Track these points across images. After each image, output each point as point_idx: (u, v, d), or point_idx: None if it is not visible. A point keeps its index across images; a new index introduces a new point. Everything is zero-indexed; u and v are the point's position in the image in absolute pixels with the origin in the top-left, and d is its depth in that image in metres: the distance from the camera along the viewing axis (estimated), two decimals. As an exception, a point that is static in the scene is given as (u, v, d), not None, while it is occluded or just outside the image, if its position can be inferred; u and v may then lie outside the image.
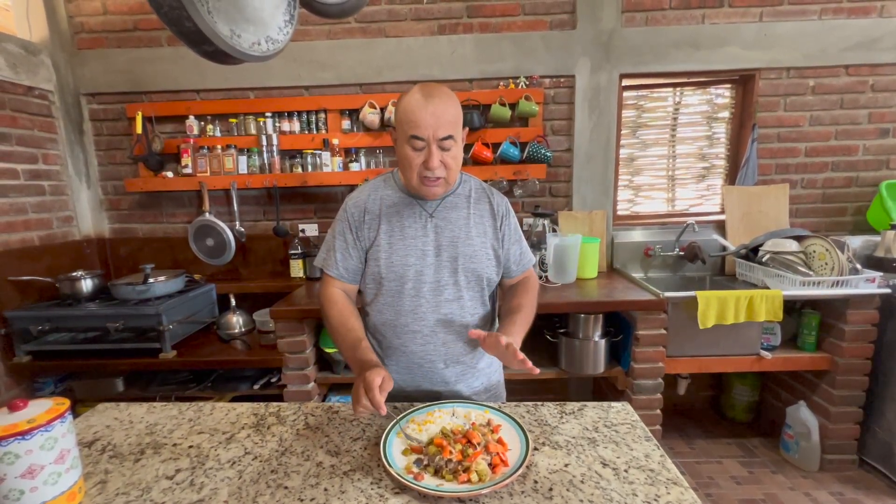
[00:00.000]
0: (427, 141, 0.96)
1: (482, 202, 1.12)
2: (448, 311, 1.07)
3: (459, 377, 1.11)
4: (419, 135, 0.96)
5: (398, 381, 1.12)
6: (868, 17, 2.24)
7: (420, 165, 0.99)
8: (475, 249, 1.07)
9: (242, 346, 2.07)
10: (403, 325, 1.08)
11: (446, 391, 1.11)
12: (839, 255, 1.94)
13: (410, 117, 0.96)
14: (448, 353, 1.09)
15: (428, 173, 0.99)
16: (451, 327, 1.08)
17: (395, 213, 1.08)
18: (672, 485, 0.74)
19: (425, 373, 1.10)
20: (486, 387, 1.17)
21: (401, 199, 1.09)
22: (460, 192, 1.12)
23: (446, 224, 1.08)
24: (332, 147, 2.29)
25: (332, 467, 0.82)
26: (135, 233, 2.50)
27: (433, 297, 1.06)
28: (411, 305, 1.06)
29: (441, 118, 0.96)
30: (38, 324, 1.91)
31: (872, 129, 2.34)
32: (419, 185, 1.02)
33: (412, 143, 0.98)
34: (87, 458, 0.88)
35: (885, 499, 1.87)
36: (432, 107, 0.95)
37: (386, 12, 2.29)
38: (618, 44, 2.26)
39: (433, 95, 0.97)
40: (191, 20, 0.77)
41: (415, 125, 0.96)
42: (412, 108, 0.96)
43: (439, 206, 1.09)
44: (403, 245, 1.06)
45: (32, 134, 2.15)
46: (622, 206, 2.55)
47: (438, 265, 1.06)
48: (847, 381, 1.97)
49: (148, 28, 2.32)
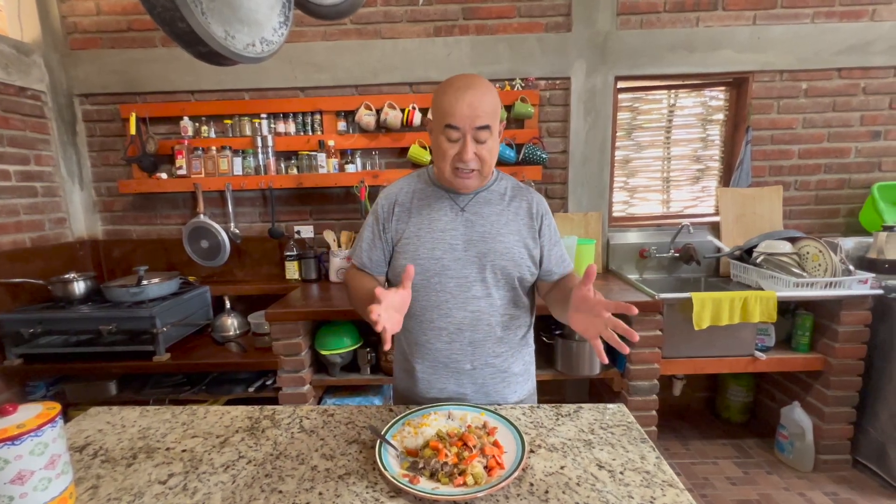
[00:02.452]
0: (462, 131, 0.95)
1: (519, 200, 1.08)
2: (475, 308, 1.03)
3: (489, 381, 1.08)
4: (454, 124, 0.94)
5: (426, 386, 1.08)
6: (860, 20, 2.26)
7: (454, 157, 0.97)
8: (507, 247, 1.03)
9: (237, 348, 2.06)
10: (429, 320, 1.05)
11: (477, 400, 1.07)
12: (832, 256, 1.96)
13: (447, 108, 0.95)
14: (475, 354, 1.05)
15: (461, 165, 0.97)
16: (479, 326, 1.04)
17: (425, 205, 1.06)
18: (668, 487, 0.74)
19: (451, 373, 1.07)
20: (520, 399, 1.14)
21: (433, 192, 1.07)
22: (495, 188, 1.09)
23: (477, 219, 1.05)
24: (327, 148, 2.28)
25: (327, 471, 0.81)
26: (128, 234, 2.49)
27: (459, 292, 1.03)
28: (436, 300, 1.03)
29: (477, 108, 0.94)
30: (29, 326, 1.89)
31: (864, 131, 2.37)
32: (452, 177, 1.00)
33: (447, 133, 0.96)
34: (79, 462, 0.87)
35: (878, 499, 1.88)
36: (469, 97, 0.93)
37: (382, 14, 2.29)
38: (613, 46, 2.27)
39: (471, 86, 0.95)
40: (184, 21, 0.76)
41: (450, 115, 0.94)
42: (449, 97, 0.95)
43: (472, 201, 1.06)
44: (431, 238, 1.03)
45: (24, 135, 2.13)
46: (618, 207, 2.56)
47: (466, 260, 1.03)
48: (840, 381, 1.98)
49: (142, 28, 2.31)
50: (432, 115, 1.01)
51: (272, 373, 1.98)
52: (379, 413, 1.02)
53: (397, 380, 1.18)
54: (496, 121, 0.98)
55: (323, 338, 1.92)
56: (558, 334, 1.98)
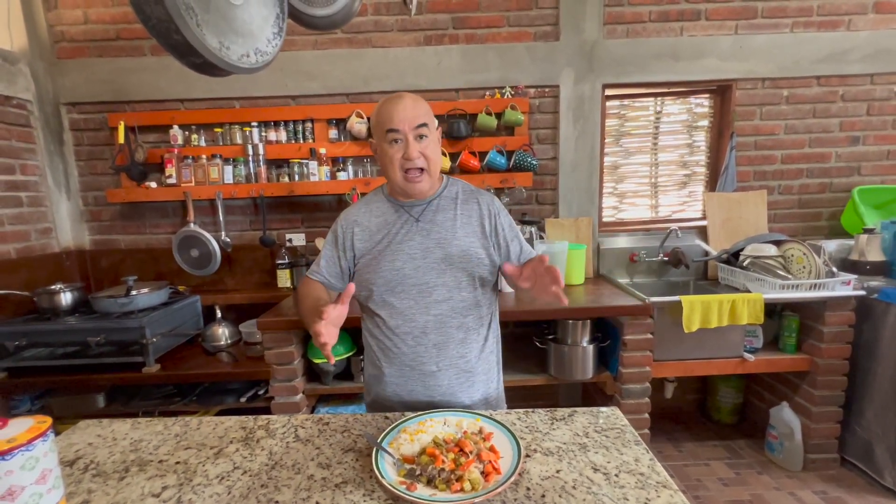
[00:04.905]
0: (403, 132, 1.02)
1: (470, 203, 1.14)
2: (438, 311, 1.08)
3: (454, 383, 1.11)
4: (395, 127, 1.02)
5: (394, 389, 1.12)
6: (837, 30, 2.34)
7: (400, 159, 1.04)
8: (463, 249, 1.09)
9: (228, 358, 2.04)
10: (395, 326, 1.09)
11: (443, 401, 1.10)
12: (816, 258, 2.01)
13: (385, 116, 1.04)
14: (440, 356, 1.09)
15: (409, 164, 1.03)
16: (443, 329, 1.09)
17: (382, 221, 1.12)
18: (662, 488, 0.76)
19: (418, 376, 1.10)
20: (485, 397, 1.16)
21: (388, 207, 1.14)
22: (446, 194, 1.14)
23: (432, 227, 1.10)
24: (319, 156, 2.29)
25: (323, 480, 0.81)
26: (116, 244, 2.45)
27: (422, 297, 1.08)
28: (401, 307, 1.08)
29: (412, 110, 1.03)
30: (14, 339, 1.85)
31: (844, 136, 2.44)
32: (403, 182, 1.06)
33: (389, 137, 1.03)
34: (69, 477, 0.85)
35: (866, 496, 1.91)
36: (404, 102, 1.04)
37: (372, 23, 2.31)
38: (600, 55, 2.31)
39: (404, 96, 1.05)
40: (179, 33, 0.77)
41: (389, 120, 1.03)
42: (385, 108, 1.04)
43: (426, 210, 1.12)
44: (391, 251, 1.08)
45: (10, 144, 2.10)
46: (607, 212, 2.60)
47: (426, 267, 1.08)
48: (827, 381, 2.02)
49: (130, 37, 2.30)
50: (374, 133, 1.09)
51: (264, 382, 1.97)
52: (374, 420, 1.01)
53: (367, 386, 1.21)
54: (432, 122, 1.08)
55: (315, 346, 1.91)
56: (551, 339, 1.99)
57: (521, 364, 2.09)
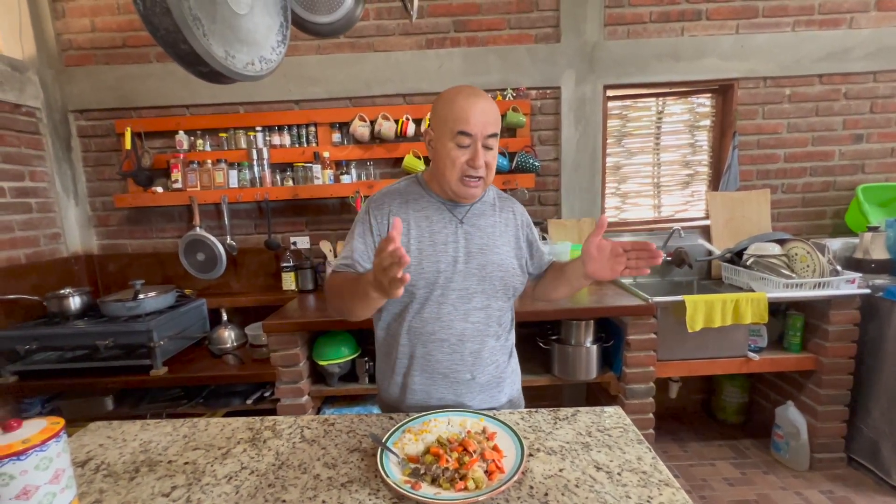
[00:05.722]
0: (475, 138, 0.96)
1: (506, 211, 1.12)
2: (476, 319, 1.05)
3: (486, 389, 1.08)
4: (468, 131, 0.95)
5: (422, 396, 1.07)
6: (838, 28, 2.34)
7: (464, 164, 0.97)
8: (502, 258, 1.06)
9: (234, 360, 2.06)
10: (430, 333, 1.04)
11: (472, 407, 1.06)
12: (820, 257, 2.00)
13: (458, 114, 0.95)
14: (476, 364, 1.05)
15: (472, 172, 0.97)
16: (479, 337, 1.05)
17: (423, 217, 1.05)
18: (664, 486, 0.76)
19: (450, 384, 1.06)
20: (510, 399, 1.15)
21: (429, 202, 1.07)
22: (486, 199, 1.11)
23: (476, 230, 1.06)
24: (322, 160, 2.31)
25: (329, 479, 0.82)
26: (124, 249, 2.48)
27: (461, 304, 1.03)
28: (438, 313, 1.03)
29: (489, 115, 0.96)
30: (24, 343, 1.88)
31: (847, 135, 2.43)
32: (459, 186, 0.99)
33: (458, 139, 0.96)
34: (81, 477, 0.87)
35: (873, 495, 1.90)
36: (482, 104, 0.96)
37: (374, 27, 2.33)
38: (601, 56, 2.32)
39: (479, 95, 0.97)
40: (186, 43, 0.79)
41: (464, 121, 0.94)
42: (460, 104, 0.96)
43: (469, 213, 1.07)
44: (434, 251, 1.02)
45: (19, 151, 2.13)
46: (610, 213, 2.60)
47: (467, 272, 1.03)
48: (832, 380, 2.02)
49: (136, 45, 2.33)
50: (436, 123, 1.00)
51: (270, 384, 1.98)
52: (379, 421, 1.03)
53: (384, 392, 1.15)
54: (499, 130, 1.01)
55: (321, 348, 1.93)
56: (555, 339, 1.99)
57: (525, 365, 2.03)
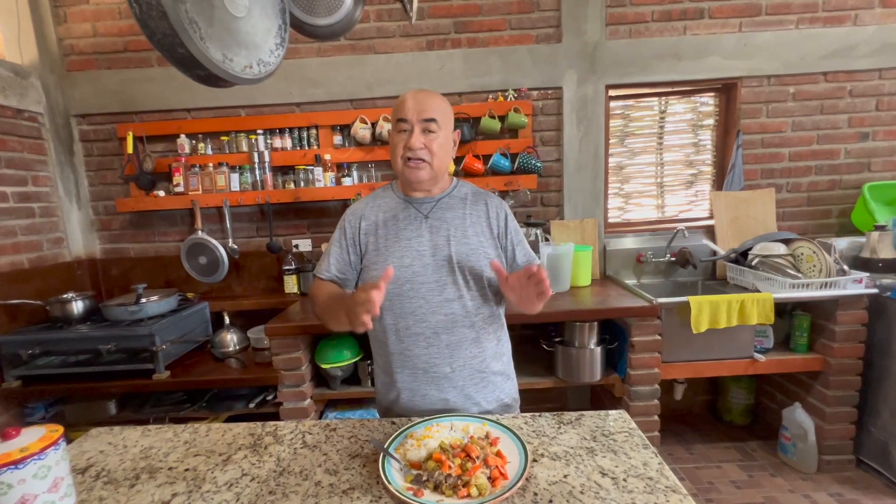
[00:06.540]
0: (410, 122, 1.04)
1: (479, 204, 1.14)
2: (450, 311, 1.07)
3: (469, 384, 1.09)
4: (403, 116, 1.04)
5: (408, 395, 1.10)
6: (843, 25, 2.31)
7: (403, 147, 1.05)
8: (472, 248, 1.08)
9: (237, 364, 2.05)
10: (405, 327, 1.08)
11: (458, 403, 1.08)
12: (826, 257, 1.98)
13: (399, 106, 1.06)
14: (453, 357, 1.08)
15: (410, 153, 1.04)
16: (454, 329, 1.07)
17: (391, 216, 1.12)
18: (671, 492, 0.75)
19: (431, 378, 1.08)
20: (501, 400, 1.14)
21: (396, 203, 1.13)
22: (455, 194, 1.15)
23: (441, 224, 1.10)
24: (324, 162, 2.30)
25: (330, 486, 0.81)
26: (126, 253, 2.49)
27: (433, 297, 1.06)
28: (411, 307, 1.07)
29: (424, 103, 1.04)
30: (27, 348, 1.88)
31: (852, 133, 2.41)
32: (403, 169, 1.07)
33: (399, 126, 1.06)
34: (81, 484, 0.86)
35: (883, 498, 1.88)
36: (418, 96, 1.06)
37: (375, 29, 2.32)
38: (603, 56, 2.31)
39: (421, 90, 1.08)
40: (184, 47, 0.78)
41: (401, 110, 1.05)
42: (401, 99, 1.07)
43: (434, 207, 1.12)
44: (399, 247, 1.08)
45: (22, 156, 2.14)
46: (613, 213, 2.58)
47: (436, 265, 1.07)
48: (840, 381, 1.99)
49: (138, 49, 2.34)
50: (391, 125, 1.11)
51: (273, 388, 1.98)
52: (381, 426, 1.02)
53: (380, 395, 1.20)
54: (446, 120, 1.08)
55: (323, 351, 1.92)
56: (558, 341, 1.98)
57: (529, 367, 2.08)
